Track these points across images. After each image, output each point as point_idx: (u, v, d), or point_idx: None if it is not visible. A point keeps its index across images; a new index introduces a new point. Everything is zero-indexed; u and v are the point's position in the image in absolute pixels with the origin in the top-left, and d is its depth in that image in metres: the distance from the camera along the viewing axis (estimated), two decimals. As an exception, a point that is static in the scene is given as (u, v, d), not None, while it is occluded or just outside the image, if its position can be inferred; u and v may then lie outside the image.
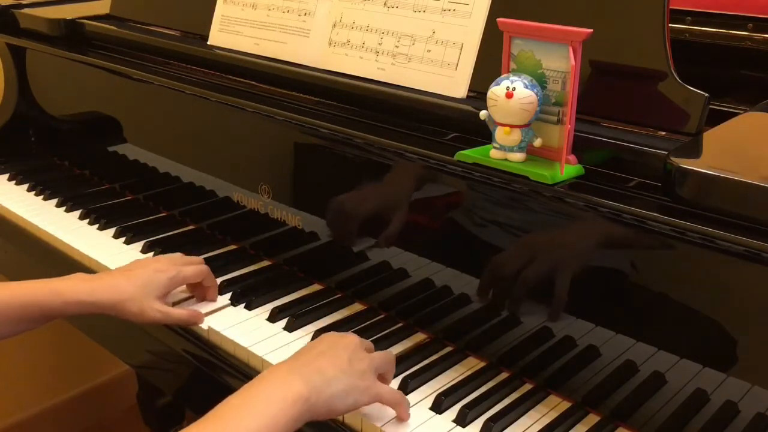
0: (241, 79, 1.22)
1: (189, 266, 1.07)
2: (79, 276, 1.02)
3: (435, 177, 0.95)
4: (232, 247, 1.26)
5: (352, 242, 1.07)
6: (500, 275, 0.92)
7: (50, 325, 1.04)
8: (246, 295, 1.10)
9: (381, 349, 0.98)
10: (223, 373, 1.01)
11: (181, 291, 1.10)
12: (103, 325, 1.23)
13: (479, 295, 0.95)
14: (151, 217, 1.36)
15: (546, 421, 0.87)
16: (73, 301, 0.98)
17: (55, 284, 0.99)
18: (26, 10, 1.57)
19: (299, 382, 0.77)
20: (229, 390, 0.93)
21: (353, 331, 1.00)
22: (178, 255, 1.11)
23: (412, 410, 0.88)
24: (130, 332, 1.14)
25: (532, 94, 0.81)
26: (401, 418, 0.86)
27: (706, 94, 0.83)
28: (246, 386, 0.77)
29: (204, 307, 1.08)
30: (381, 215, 1.03)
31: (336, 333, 0.90)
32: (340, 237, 1.09)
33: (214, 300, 1.09)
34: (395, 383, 0.92)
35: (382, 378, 0.88)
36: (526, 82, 0.81)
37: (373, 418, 0.86)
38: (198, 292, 1.10)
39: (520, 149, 0.84)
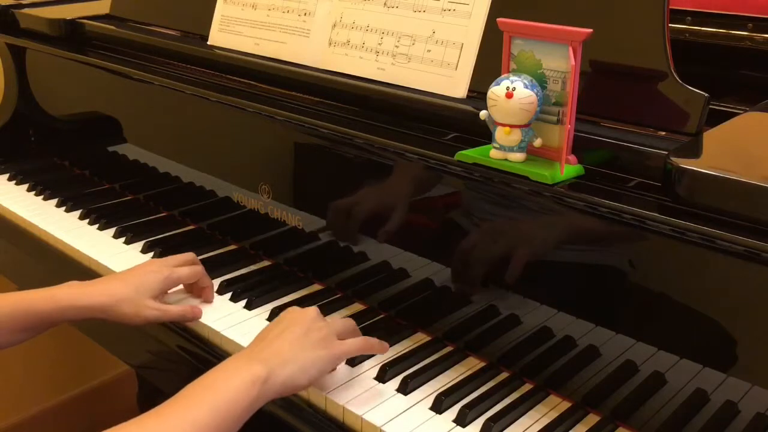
0: (241, 79, 1.22)
1: (183, 267, 1.07)
2: (73, 282, 1.03)
3: (435, 177, 0.95)
4: (232, 247, 1.26)
5: (352, 242, 1.07)
6: (500, 275, 0.92)
7: (50, 325, 1.04)
8: (246, 295, 1.10)
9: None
10: (223, 373, 1.01)
11: (178, 291, 1.11)
12: (103, 325, 1.23)
13: (479, 295, 0.95)
14: (151, 217, 1.36)
15: (546, 421, 0.87)
16: (69, 306, 0.98)
17: (49, 291, 1.00)
18: (26, 10, 1.57)
19: (258, 365, 0.81)
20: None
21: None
22: (171, 257, 1.11)
23: (412, 410, 0.89)
24: (130, 332, 1.14)
25: (532, 94, 0.81)
26: (380, 352, 0.93)
27: (706, 94, 0.83)
28: (207, 373, 0.81)
29: (203, 308, 1.08)
30: (381, 215, 1.03)
31: (294, 308, 0.93)
32: (340, 237, 1.09)
33: (209, 301, 1.09)
34: (395, 383, 0.92)
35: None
36: (526, 82, 0.81)
37: (373, 419, 0.87)
38: (194, 293, 1.10)
39: (520, 149, 0.84)
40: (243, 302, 1.09)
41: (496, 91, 0.82)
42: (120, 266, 1.18)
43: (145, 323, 1.02)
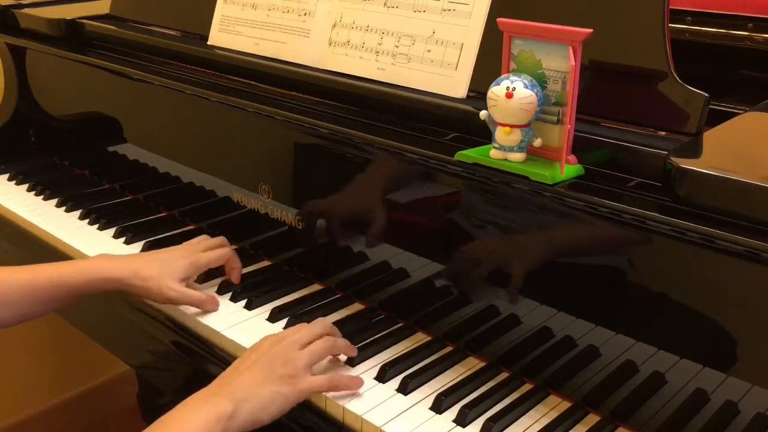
0: (241, 79, 1.22)
1: (210, 252, 1.11)
2: (102, 255, 1.08)
3: (435, 177, 0.95)
4: (232, 247, 1.26)
5: (352, 242, 1.07)
6: (500, 275, 0.92)
7: (50, 325, 1.05)
8: (246, 295, 1.10)
9: (382, 347, 0.99)
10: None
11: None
12: (103, 325, 1.23)
13: (479, 295, 0.95)
14: (151, 217, 1.36)
15: (546, 421, 0.87)
16: (96, 278, 1.03)
17: (78, 263, 1.06)
18: (26, 10, 1.57)
19: (224, 400, 0.81)
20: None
21: (354, 331, 1.01)
22: (202, 237, 1.14)
23: (412, 410, 0.89)
24: (129, 332, 1.14)
25: (532, 94, 0.81)
26: (351, 389, 0.90)
27: (706, 94, 0.83)
28: (174, 409, 0.81)
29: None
30: (381, 215, 1.03)
31: (269, 337, 0.92)
32: (340, 237, 1.09)
33: (237, 281, 1.12)
34: (395, 383, 0.92)
35: (337, 360, 0.94)
36: (526, 82, 0.81)
37: (373, 419, 0.87)
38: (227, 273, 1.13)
39: (520, 149, 0.84)
40: (243, 302, 1.09)
41: (496, 91, 0.82)
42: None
43: (166, 302, 1.06)
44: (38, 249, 1.34)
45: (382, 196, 1.02)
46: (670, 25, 0.86)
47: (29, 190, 1.49)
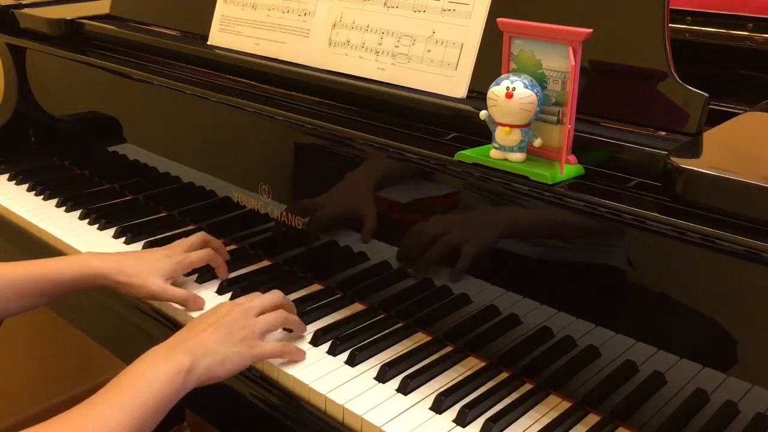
0: (241, 79, 1.22)
1: (194, 252, 1.12)
2: (90, 252, 1.10)
3: (435, 177, 0.95)
4: (232, 247, 1.26)
5: (352, 242, 1.07)
6: (500, 275, 0.92)
7: (50, 324, 1.05)
8: (245, 295, 1.10)
9: (381, 347, 0.99)
10: (223, 373, 1.00)
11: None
12: (104, 324, 1.23)
13: (479, 295, 0.95)
14: (151, 217, 1.36)
15: (546, 421, 0.87)
16: (84, 273, 1.05)
17: (65, 259, 1.09)
18: (26, 10, 1.57)
19: (182, 355, 0.86)
20: (228, 390, 0.93)
21: (354, 331, 1.01)
22: (183, 240, 1.15)
23: (412, 410, 0.89)
24: (130, 332, 1.14)
25: (532, 94, 0.81)
26: (296, 360, 0.96)
27: (706, 94, 0.83)
28: (134, 362, 0.86)
29: (202, 297, 1.09)
30: (381, 215, 1.03)
31: (227, 303, 0.98)
32: (340, 237, 1.09)
33: (225, 277, 1.14)
34: (395, 383, 0.92)
35: (292, 328, 1.00)
36: (526, 82, 0.81)
37: (373, 419, 0.87)
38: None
39: (520, 149, 0.84)
40: (243, 302, 1.09)
41: (496, 91, 0.82)
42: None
43: (148, 297, 1.07)
44: (38, 249, 1.33)
45: (382, 196, 1.02)
46: (670, 25, 0.86)
47: (29, 190, 1.49)
